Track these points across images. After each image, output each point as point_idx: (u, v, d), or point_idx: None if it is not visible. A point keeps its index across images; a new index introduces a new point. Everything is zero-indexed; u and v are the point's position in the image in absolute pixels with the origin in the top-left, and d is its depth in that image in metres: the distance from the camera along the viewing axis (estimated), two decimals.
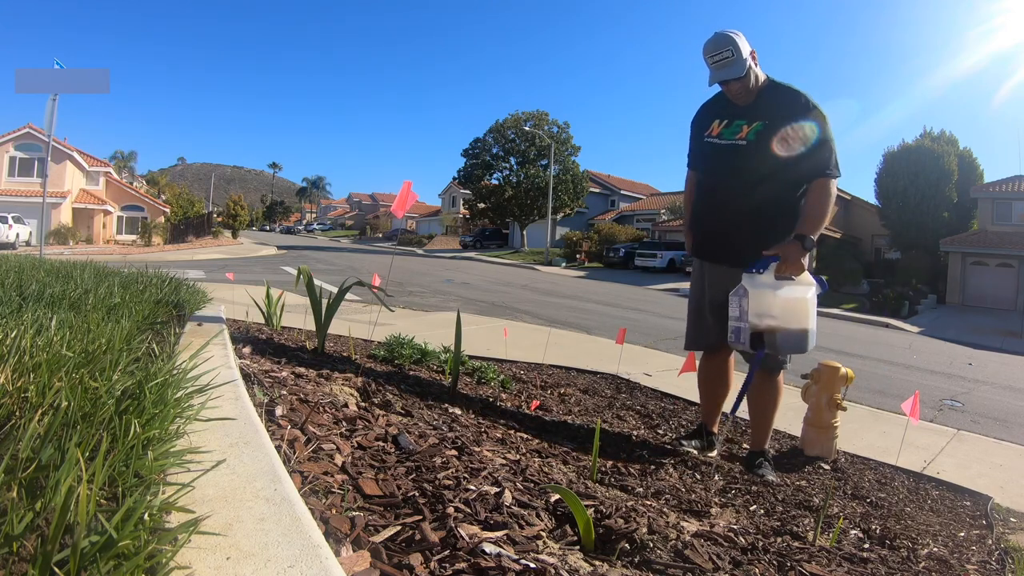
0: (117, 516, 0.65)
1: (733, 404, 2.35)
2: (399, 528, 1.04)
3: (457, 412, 2.17)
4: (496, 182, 33.54)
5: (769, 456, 2.44)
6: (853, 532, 1.82)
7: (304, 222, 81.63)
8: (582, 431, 2.47)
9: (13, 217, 20.59)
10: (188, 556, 0.71)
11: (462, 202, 43.31)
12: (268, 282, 4.26)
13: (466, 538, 1.02)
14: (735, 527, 1.54)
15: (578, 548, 1.16)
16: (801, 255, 2.11)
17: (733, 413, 2.39)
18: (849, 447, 2.94)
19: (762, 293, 2.08)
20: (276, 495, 0.89)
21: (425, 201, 57.51)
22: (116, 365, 1.11)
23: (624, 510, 1.35)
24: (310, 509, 0.90)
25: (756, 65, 2.21)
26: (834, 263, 19.95)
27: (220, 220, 40.53)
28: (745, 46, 2.15)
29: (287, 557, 0.74)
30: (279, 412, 1.48)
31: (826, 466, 2.61)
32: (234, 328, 2.92)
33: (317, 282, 3.14)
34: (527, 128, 31.92)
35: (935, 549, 1.79)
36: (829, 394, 2.70)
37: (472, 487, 1.26)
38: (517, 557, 0.99)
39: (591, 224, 33.00)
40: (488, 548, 1.00)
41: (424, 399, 2.25)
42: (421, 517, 1.09)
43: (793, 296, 2.11)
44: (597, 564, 1.10)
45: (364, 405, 1.90)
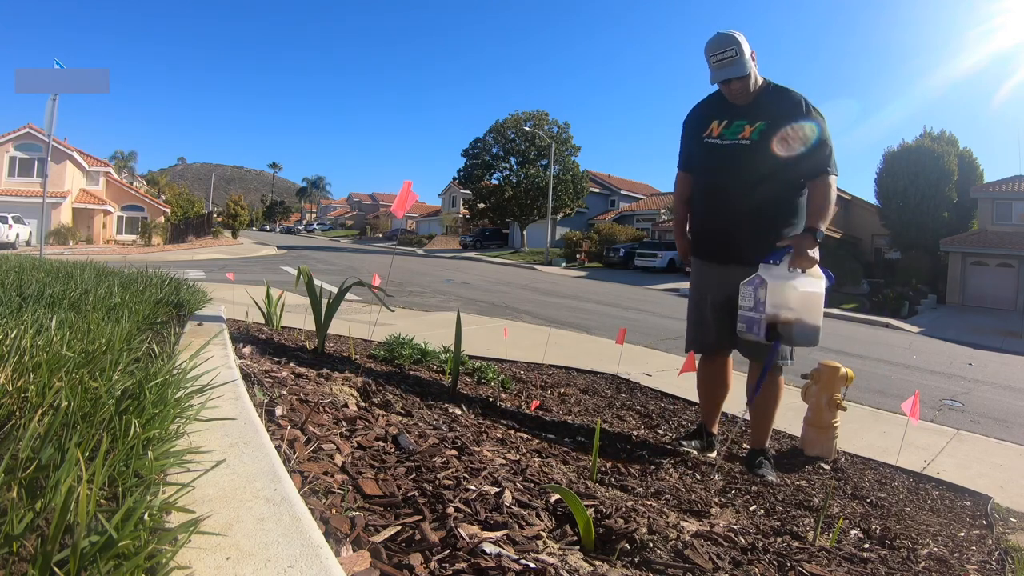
0: (117, 516, 0.65)
1: (748, 397, 2.36)
2: (399, 528, 1.04)
3: (457, 412, 2.17)
4: (496, 182, 33.53)
5: (770, 455, 2.45)
6: (853, 532, 1.82)
7: (304, 222, 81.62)
8: (582, 431, 2.47)
9: (13, 217, 20.60)
10: (188, 556, 0.71)
11: (462, 202, 43.31)
12: (268, 282, 4.26)
13: (466, 538, 1.02)
14: (735, 527, 1.54)
15: (578, 548, 1.16)
16: (813, 247, 2.14)
17: (750, 404, 2.39)
18: (849, 447, 2.94)
19: (781, 284, 2.09)
20: (276, 495, 0.89)
21: (425, 201, 57.50)
22: (116, 365, 1.11)
23: (624, 510, 1.35)
24: (310, 509, 0.90)
25: (755, 66, 2.24)
26: (834, 263, 19.92)
27: (220, 220, 40.53)
28: (747, 46, 2.18)
29: (287, 557, 0.74)
30: (279, 412, 1.48)
31: (826, 466, 2.61)
32: (234, 328, 2.92)
33: (317, 282, 3.14)
34: (527, 128, 31.92)
35: (935, 549, 1.79)
36: (829, 394, 2.70)
37: (472, 487, 1.26)
38: (517, 557, 0.99)
39: (591, 224, 33.00)
40: (488, 548, 1.00)
41: (424, 399, 2.25)
42: (421, 517, 1.09)
43: (809, 289, 2.13)
44: (597, 564, 1.10)
45: (364, 405, 1.90)
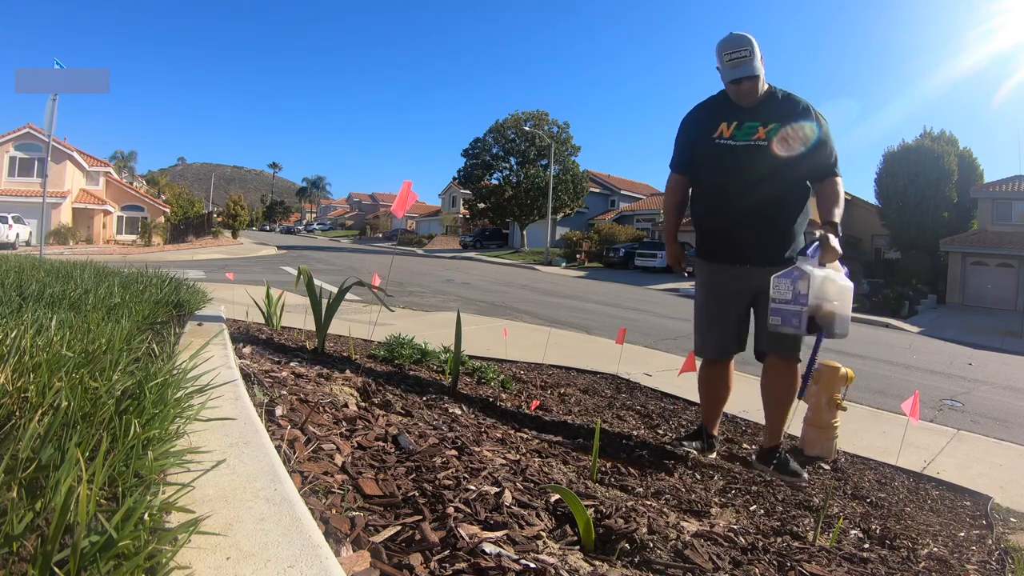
0: (117, 516, 0.65)
1: (799, 391, 2.37)
2: (399, 528, 1.04)
3: (457, 412, 2.17)
4: (496, 182, 33.53)
5: (785, 450, 2.42)
6: (853, 532, 1.82)
7: (304, 222, 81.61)
8: (582, 431, 2.47)
9: (13, 217, 20.59)
10: (188, 556, 0.71)
11: (462, 202, 43.30)
12: (268, 282, 4.26)
13: (466, 538, 1.02)
14: (735, 527, 1.54)
15: (578, 548, 1.16)
16: (836, 241, 2.18)
17: (801, 397, 2.42)
18: (849, 447, 2.94)
19: (823, 276, 2.11)
20: (276, 495, 0.89)
21: (425, 201, 57.48)
22: (116, 365, 1.11)
23: (624, 510, 1.35)
24: (310, 509, 0.90)
25: (764, 69, 2.26)
26: None
27: (220, 220, 40.52)
28: (758, 48, 2.21)
29: (287, 557, 0.74)
30: (279, 412, 1.48)
31: (826, 466, 2.61)
32: (234, 328, 2.92)
33: (317, 282, 3.14)
34: (527, 128, 31.92)
35: (935, 549, 1.79)
36: (829, 394, 2.70)
37: (472, 487, 1.26)
38: (517, 557, 0.99)
39: (591, 224, 33.00)
40: (488, 548, 1.00)
41: (424, 399, 2.25)
42: (421, 517, 1.09)
43: (843, 281, 2.16)
44: (597, 564, 1.10)
45: (364, 405, 1.90)
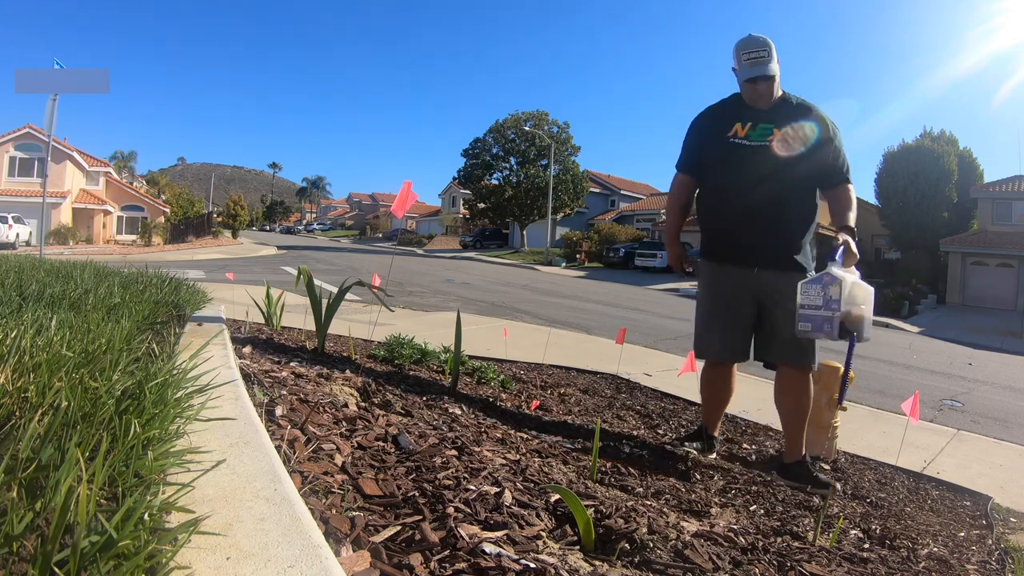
0: (117, 516, 0.65)
1: (839, 398, 2.38)
2: (399, 528, 1.04)
3: (457, 412, 2.17)
4: (496, 182, 33.53)
5: (809, 461, 2.34)
6: (853, 532, 1.82)
7: (304, 222, 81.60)
8: (582, 431, 2.47)
9: (13, 217, 20.59)
10: (188, 556, 0.71)
11: (462, 202, 43.30)
12: (268, 282, 4.26)
13: (466, 538, 1.02)
14: (735, 527, 1.54)
15: (578, 548, 1.16)
16: (854, 245, 2.22)
17: (840, 404, 2.44)
18: (849, 447, 2.94)
19: (852, 281, 2.13)
20: (276, 495, 0.89)
21: (425, 201, 57.47)
22: (116, 365, 1.11)
23: (624, 510, 1.35)
24: (310, 509, 0.90)
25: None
26: None
27: (220, 220, 40.51)
28: (775, 51, 2.21)
29: (287, 557, 0.74)
30: (279, 412, 1.48)
31: (826, 466, 2.61)
32: (234, 328, 2.92)
33: (317, 282, 3.14)
34: (527, 128, 31.92)
35: (935, 549, 1.79)
36: (829, 394, 2.70)
37: (472, 487, 1.26)
38: (517, 557, 0.99)
39: (591, 224, 33.00)
40: (488, 548, 1.00)
41: (424, 399, 2.25)
42: (421, 517, 1.09)
43: (866, 284, 2.18)
44: (597, 564, 1.10)
45: (364, 405, 1.90)
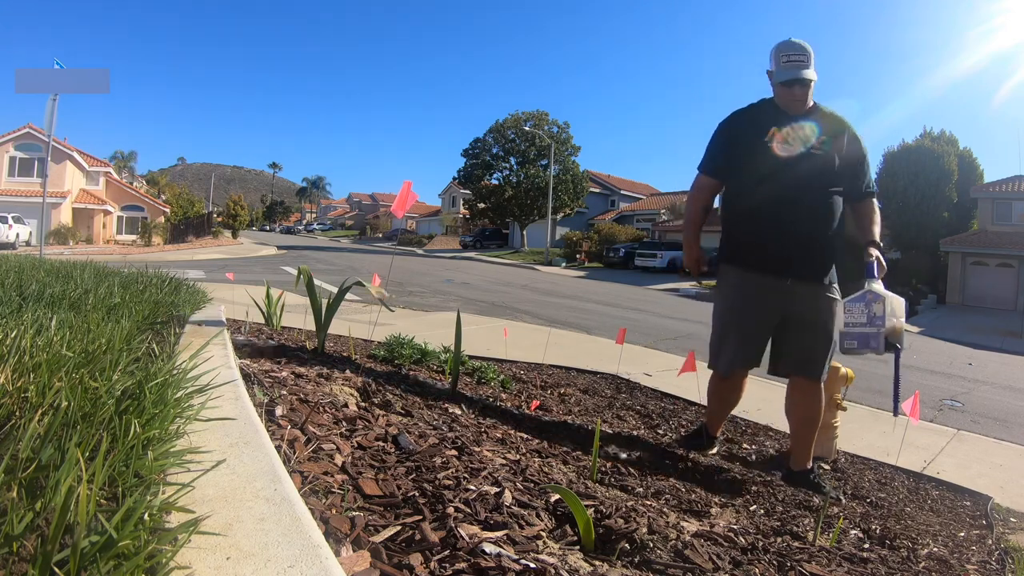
0: (117, 516, 0.65)
1: (894, 409, 2.40)
2: (399, 528, 1.04)
3: (457, 412, 2.17)
4: (496, 182, 33.52)
5: (817, 471, 2.34)
6: (853, 532, 1.82)
7: (304, 222, 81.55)
8: (582, 431, 2.47)
9: (13, 217, 20.58)
10: (188, 556, 0.71)
11: (462, 202, 43.29)
12: (268, 282, 4.26)
13: (466, 538, 1.02)
14: (735, 527, 1.54)
15: (578, 548, 1.16)
16: (882, 258, 2.26)
17: (896, 414, 2.48)
18: (849, 447, 2.94)
19: (892, 295, 2.19)
20: (276, 495, 0.89)
21: (425, 201, 57.43)
22: (116, 365, 1.11)
23: (624, 510, 1.35)
24: (310, 509, 0.90)
25: None
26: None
27: (220, 220, 40.50)
28: (814, 59, 2.19)
29: (287, 557, 0.74)
30: (279, 412, 1.48)
31: (826, 466, 2.61)
32: (234, 328, 2.92)
33: (317, 282, 3.14)
34: (527, 128, 31.91)
35: (935, 549, 1.79)
36: (829, 394, 2.70)
37: (472, 487, 1.26)
38: (517, 557, 0.99)
39: (591, 224, 33.00)
40: (488, 548, 1.00)
41: (424, 399, 2.25)
42: (421, 517, 1.09)
43: (897, 296, 2.23)
44: (597, 564, 1.10)
45: (364, 405, 1.90)
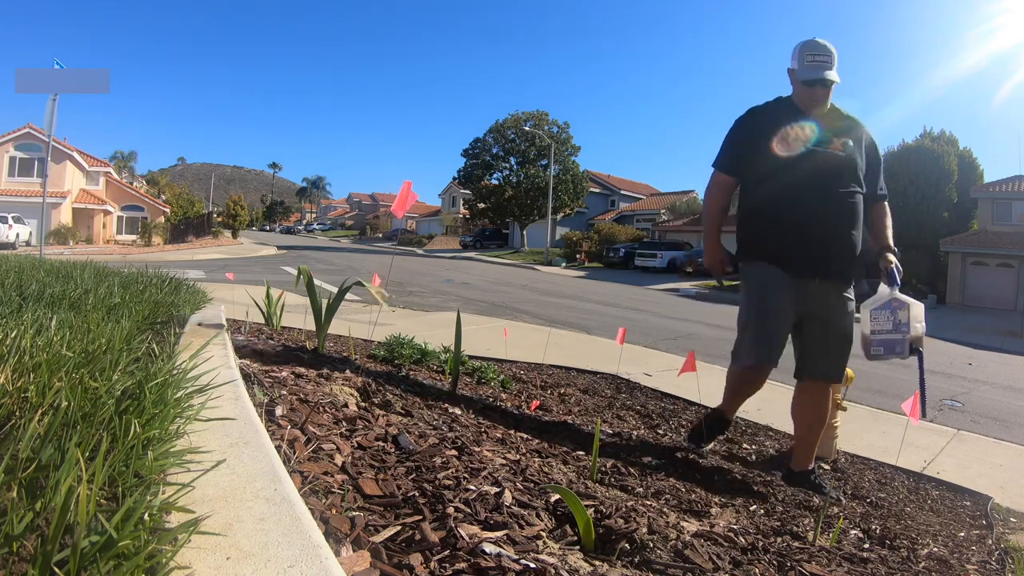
0: (117, 516, 0.65)
1: (920, 412, 2.38)
2: (399, 528, 1.04)
3: (457, 412, 2.17)
4: (496, 182, 33.52)
5: (817, 472, 2.33)
6: (853, 532, 1.82)
7: (304, 222, 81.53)
8: (582, 431, 2.47)
9: (13, 217, 20.58)
10: (188, 556, 0.71)
11: (462, 202, 43.28)
12: (268, 282, 4.26)
13: (466, 538, 1.02)
14: (735, 527, 1.54)
15: (578, 548, 1.16)
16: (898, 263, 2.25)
17: (924, 416, 2.45)
18: (849, 447, 2.94)
19: (915, 302, 2.19)
20: (276, 495, 0.89)
21: (425, 201, 57.40)
22: (116, 365, 1.11)
23: (624, 510, 1.35)
24: (310, 509, 0.90)
25: None
26: None
27: (220, 220, 40.49)
28: (837, 61, 2.18)
29: (287, 557, 0.74)
30: (279, 412, 1.48)
31: (826, 466, 2.61)
32: (234, 328, 2.92)
33: (317, 282, 3.14)
34: (527, 128, 31.91)
35: (935, 549, 1.79)
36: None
37: (472, 487, 1.26)
38: (517, 557, 0.99)
39: (591, 224, 32.99)
40: (488, 548, 1.00)
41: (424, 399, 2.25)
42: (421, 517, 1.09)
43: (917, 301, 2.23)
44: (597, 564, 1.10)
45: (364, 405, 1.90)
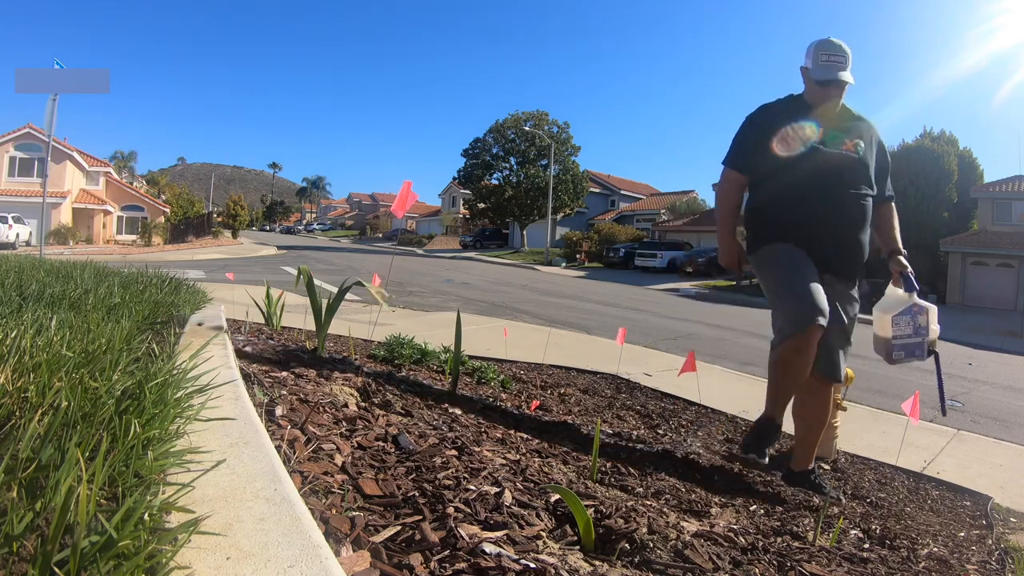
0: (117, 516, 0.65)
1: (941, 410, 2.39)
2: (399, 528, 1.04)
3: (457, 412, 2.17)
4: (496, 182, 33.51)
5: (818, 472, 2.30)
6: (853, 532, 1.82)
7: (304, 222, 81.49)
8: (582, 431, 2.47)
9: (13, 217, 20.57)
10: (188, 556, 0.71)
11: (462, 202, 43.27)
12: (268, 282, 4.26)
13: (466, 538, 1.02)
14: (735, 527, 1.54)
15: (578, 548, 1.16)
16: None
17: (944, 414, 2.48)
18: (849, 447, 2.94)
19: (931, 305, 2.22)
20: (276, 495, 0.89)
21: (425, 201, 57.38)
22: (116, 365, 1.11)
23: (624, 510, 1.35)
24: (310, 509, 0.90)
25: None
26: None
27: (220, 220, 40.47)
28: (851, 62, 2.18)
29: (287, 557, 0.74)
30: (279, 412, 1.48)
31: (826, 466, 2.61)
32: (234, 328, 2.91)
33: (317, 282, 3.14)
34: (527, 128, 31.90)
35: (935, 549, 1.79)
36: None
37: (472, 487, 1.26)
38: (517, 557, 0.99)
39: (591, 224, 32.99)
40: (488, 548, 1.00)
41: (424, 399, 2.25)
42: (421, 517, 1.09)
43: (931, 304, 2.26)
44: (597, 564, 1.10)
45: (364, 405, 1.90)
